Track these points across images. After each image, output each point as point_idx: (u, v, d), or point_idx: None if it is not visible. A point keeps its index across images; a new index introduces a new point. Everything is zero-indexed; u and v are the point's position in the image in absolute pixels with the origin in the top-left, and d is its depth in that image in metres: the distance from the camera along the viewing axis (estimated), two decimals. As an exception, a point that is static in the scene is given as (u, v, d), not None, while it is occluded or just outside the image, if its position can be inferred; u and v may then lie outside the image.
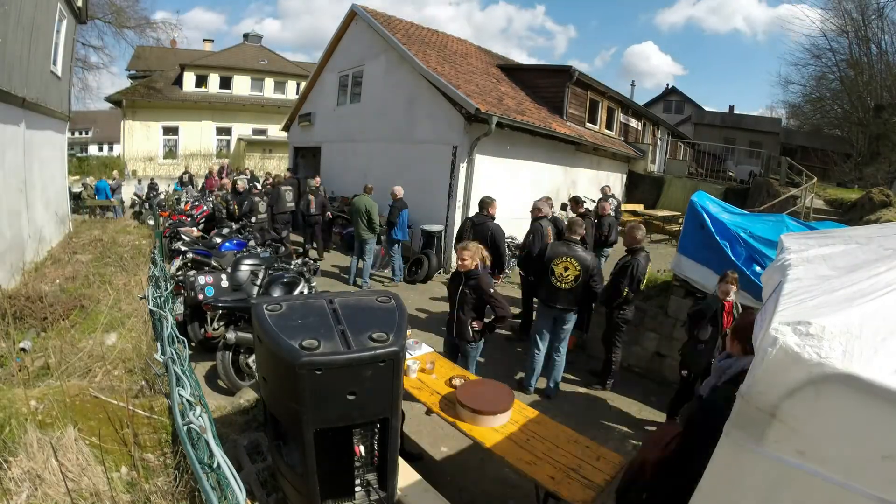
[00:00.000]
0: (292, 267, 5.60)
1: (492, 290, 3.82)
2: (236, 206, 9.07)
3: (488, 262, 4.21)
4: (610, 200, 8.73)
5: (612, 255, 7.50)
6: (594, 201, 12.11)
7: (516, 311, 6.09)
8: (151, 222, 11.17)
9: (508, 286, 8.06)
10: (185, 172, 16.66)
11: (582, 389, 4.97)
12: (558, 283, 4.50)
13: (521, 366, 5.05)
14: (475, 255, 3.88)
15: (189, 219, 9.95)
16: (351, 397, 1.84)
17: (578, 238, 4.69)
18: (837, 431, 1.01)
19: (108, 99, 22.16)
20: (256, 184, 14.04)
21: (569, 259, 4.50)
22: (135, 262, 8.25)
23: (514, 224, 9.75)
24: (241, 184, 9.95)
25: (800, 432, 1.05)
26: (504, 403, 3.04)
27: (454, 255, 9.51)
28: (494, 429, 2.90)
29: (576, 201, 7.42)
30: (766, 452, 1.09)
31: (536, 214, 6.07)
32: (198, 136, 23.56)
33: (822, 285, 1.31)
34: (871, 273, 1.32)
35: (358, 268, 8.25)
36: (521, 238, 9.36)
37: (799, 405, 1.04)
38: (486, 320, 3.99)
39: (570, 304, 4.54)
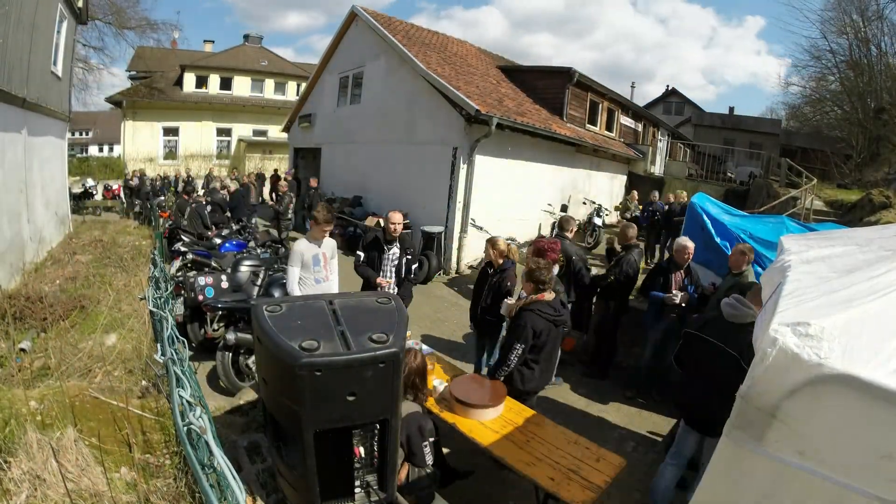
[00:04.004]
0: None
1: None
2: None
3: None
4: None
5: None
6: (594, 202, 12.14)
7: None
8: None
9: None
10: (162, 178, 16.58)
11: (582, 390, 4.96)
12: None
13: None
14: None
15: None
16: (351, 398, 1.84)
17: (570, 233, 4.91)
18: (837, 431, 1.02)
19: (109, 99, 22.19)
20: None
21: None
22: (135, 262, 8.25)
23: (514, 225, 9.76)
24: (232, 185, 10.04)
25: (799, 432, 1.05)
26: (495, 398, 3.10)
27: (454, 256, 9.52)
28: (494, 430, 2.91)
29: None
30: (766, 452, 1.09)
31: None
32: (198, 137, 23.58)
33: (821, 286, 1.31)
34: (871, 274, 1.32)
35: None
36: (521, 239, 9.39)
37: (799, 405, 1.04)
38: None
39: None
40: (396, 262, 4.50)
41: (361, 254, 4.51)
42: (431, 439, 2.46)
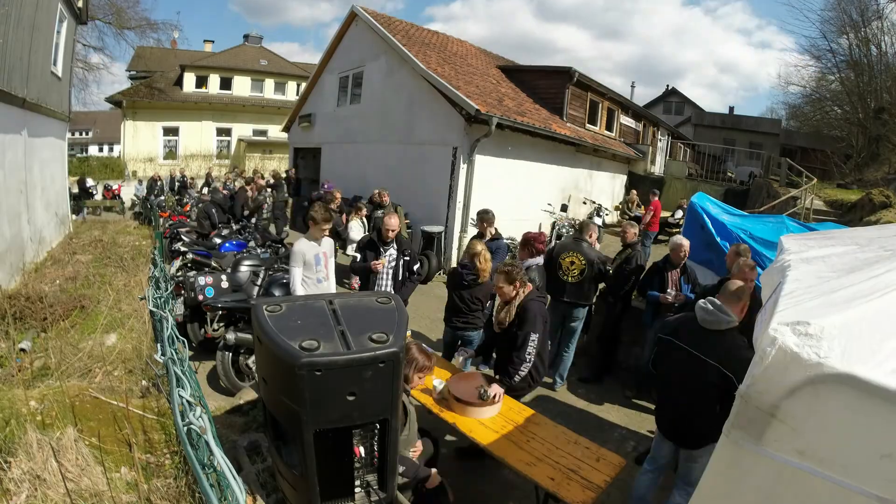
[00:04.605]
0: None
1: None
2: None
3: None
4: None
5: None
6: (594, 202, 12.13)
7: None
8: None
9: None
10: (153, 178, 16.70)
11: (582, 390, 4.97)
12: (564, 277, 4.71)
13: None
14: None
15: (189, 219, 9.97)
16: (351, 398, 1.84)
17: (590, 237, 4.92)
18: (836, 431, 1.01)
19: (109, 99, 22.20)
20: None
21: (575, 254, 4.72)
22: (135, 262, 8.26)
23: (514, 225, 9.76)
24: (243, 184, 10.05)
25: (799, 432, 1.05)
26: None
27: (454, 256, 9.53)
28: (494, 429, 2.91)
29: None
30: (766, 452, 1.09)
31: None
32: (198, 137, 23.60)
33: (821, 286, 1.31)
34: (871, 274, 1.32)
35: None
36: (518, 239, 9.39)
37: (798, 405, 1.04)
38: None
39: (576, 297, 4.71)
40: (393, 265, 4.46)
41: (358, 255, 4.45)
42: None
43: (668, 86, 31.17)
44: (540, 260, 4.51)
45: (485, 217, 5.40)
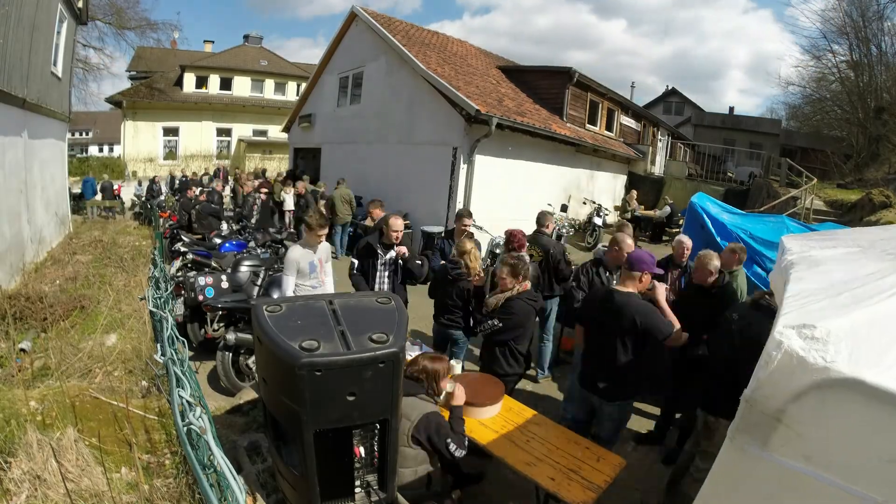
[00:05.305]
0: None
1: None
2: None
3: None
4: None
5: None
6: (594, 202, 12.12)
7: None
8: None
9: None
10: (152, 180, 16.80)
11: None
12: None
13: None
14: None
15: None
16: (351, 398, 1.84)
17: (547, 228, 5.06)
18: (843, 436, 1.00)
19: (109, 100, 22.19)
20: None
21: (533, 247, 4.80)
22: (135, 262, 8.25)
23: (515, 225, 9.74)
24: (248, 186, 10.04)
25: (805, 437, 1.03)
26: (493, 396, 3.10)
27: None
28: (494, 429, 2.90)
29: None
30: (772, 457, 1.08)
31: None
32: (198, 137, 23.60)
33: (827, 289, 1.30)
34: (876, 276, 1.31)
35: None
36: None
37: (804, 409, 1.02)
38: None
39: (540, 287, 4.71)
40: (393, 266, 4.40)
41: (356, 261, 4.36)
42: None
43: (668, 86, 31.18)
44: (526, 258, 4.51)
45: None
